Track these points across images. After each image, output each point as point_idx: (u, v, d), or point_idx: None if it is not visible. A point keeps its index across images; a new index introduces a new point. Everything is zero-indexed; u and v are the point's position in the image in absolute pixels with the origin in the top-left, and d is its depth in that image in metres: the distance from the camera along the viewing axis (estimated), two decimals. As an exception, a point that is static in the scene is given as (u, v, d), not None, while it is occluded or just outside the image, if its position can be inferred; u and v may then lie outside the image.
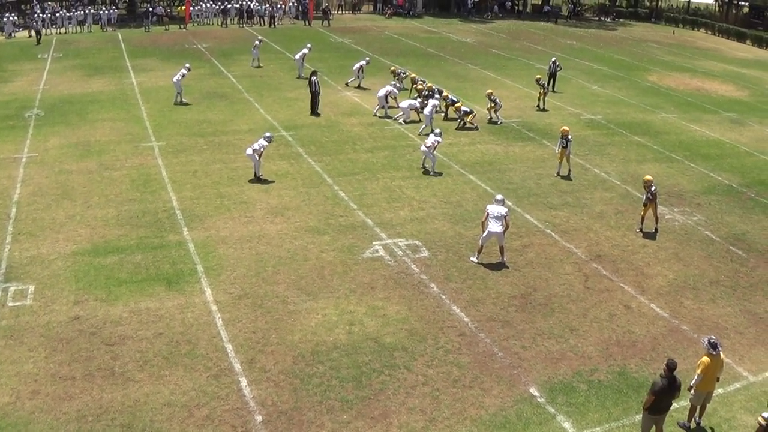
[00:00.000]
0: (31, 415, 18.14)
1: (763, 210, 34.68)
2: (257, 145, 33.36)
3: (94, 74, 55.67)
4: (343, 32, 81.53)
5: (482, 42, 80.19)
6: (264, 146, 33.48)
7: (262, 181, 33.83)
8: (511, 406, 19.62)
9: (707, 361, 18.24)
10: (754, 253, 29.91)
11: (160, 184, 33.30)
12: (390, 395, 19.72)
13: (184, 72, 48.03)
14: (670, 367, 17.56)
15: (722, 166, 40.82)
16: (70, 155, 36.62)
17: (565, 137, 35.88)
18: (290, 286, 24.89)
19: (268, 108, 46.87)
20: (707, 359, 18.24)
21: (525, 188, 34.92)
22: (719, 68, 74.83)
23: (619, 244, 29.92)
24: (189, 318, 22.77)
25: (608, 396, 20.30)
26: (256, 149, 33.33)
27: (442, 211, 31.81)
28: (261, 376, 20.22)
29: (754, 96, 62.15)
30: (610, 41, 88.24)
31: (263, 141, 33.64)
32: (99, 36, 75.71)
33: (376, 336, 22.37)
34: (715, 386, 18.93)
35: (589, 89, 58.35)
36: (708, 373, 18.31)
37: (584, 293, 25.83)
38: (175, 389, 19.38)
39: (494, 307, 24.47)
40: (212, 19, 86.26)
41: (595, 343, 22.83)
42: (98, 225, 28.97)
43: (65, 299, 23.46)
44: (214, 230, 28.77)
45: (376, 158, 38.01)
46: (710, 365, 18.24)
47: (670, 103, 55.74)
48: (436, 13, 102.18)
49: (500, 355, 21.85)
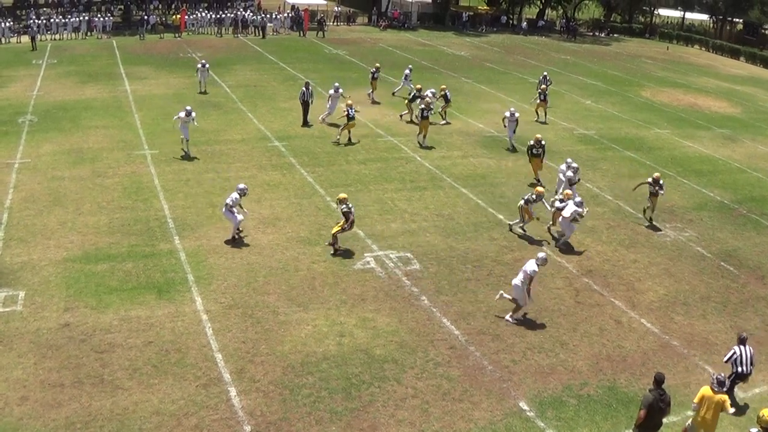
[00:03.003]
0: (20, 422, 18.08)
1: (754, 226, 34.76)
2: (230, 200, 28.68)
3: (88, 81, 55.57)
4: (338, 44, 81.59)
5: (476, 55, 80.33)
6: (237, 199, 28.88)
7: (236, 241, 29.10)
8: (500, 420, 19.61)
9: (705, 394, 18.20)
10: (745, 269, 29.97)
11: (152, 193, 33.26)
12: (379, 407, 19.70)
13: (182, 115, 38.94)
14: (657, 380, 17.60)
15: (714, 182, 40.92)
16: (62, 162, 36.55)
17: (538, 144, 36.50)
18: (281, 297, 24.86)
19: (262, 118, 46.85)
20: (707, 392, 18.20)
21: (517, 202, 34.86)
22: (713, 84, 75.08)
23: (610, 258, 29.96)
24: (179, 327, 22.72)
25: (598, 410, 20.31)
26: (229, 204, 28.58)
27: (433, 224, 31.81)
28: (250, 386, 20.19)
29: (747, 112, 62.36)
30: (604, 56, 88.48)
31: (235, 195, 28.93)
32: (94, 43, 75.62)
33: (366, 348, 22.35)
34: (713, 429, 18.76)
35: (582, 104, 58.48)
36: (703, 404, 18.27)
37: (575, 308, 25.84)
38: (164, 398, 19.33)
39: (485, 320, 24.47)
40: (207, 28, 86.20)
41: (585, 357, 22.84)
42: (90, 232, 28.92)
43: (55, 306, 23.40)
44: (206, 239, 28.73)
45: (368, 170, 38.01)
46: (707, 397, 18.16)
47: (663, 118, 55.90)
48: (430, 26, 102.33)
49: (490, 369, 21.84)
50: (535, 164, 37.40)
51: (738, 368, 20.80)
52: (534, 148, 36.96)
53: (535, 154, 37.06)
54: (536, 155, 37.06)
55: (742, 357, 20.72)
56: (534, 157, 37.21)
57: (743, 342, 20.92)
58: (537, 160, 37.25)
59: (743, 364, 20.71)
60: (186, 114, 38.56)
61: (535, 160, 37.23)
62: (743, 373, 20.78)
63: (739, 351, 20.80)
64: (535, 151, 36.96)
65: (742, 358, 20.72)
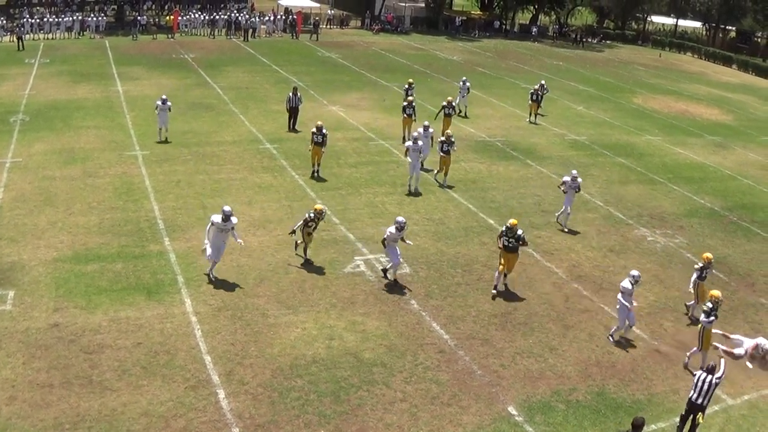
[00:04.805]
0: (8, 422, 18.03)
1: (744, 234, 34.85)
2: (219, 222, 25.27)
3: (80, 81, 55.50)
4: (331, 47, 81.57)
5: (469, 60, 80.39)
6: (221, 223, 25.20)
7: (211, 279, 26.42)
8: (489, 425, 19.63)
9: None
10: (735, 276, 30.04)
11: (143, 193, 33.22)
12: (368, 411, 19.70)
13: (158, 103, 40.44)
14: (635, 425, 16.87)
15: (705, 189, 41.01)
16: (54, 161, 36.50)
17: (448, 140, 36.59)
18: (270, 299, 24.85)
19: (253, 120, 46.82)
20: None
21: (507, 207, 34.97)
22: (705, 92, 75.28)
23: (600, 264, 30.00)
24: (168, 328, 22.69)
25: (586, 416, 20.33)
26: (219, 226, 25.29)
27: (424, 228, 31.83)
28: (239, 388, 20.17)
29: (738, 120, 62.56)
30: (596, 63, 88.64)
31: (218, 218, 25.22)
32: (86, 43, 75.49)
33: (355, 351, 22.36)
34: None
35: (574, 110, 58.58)
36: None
37: (564, 313, 25.88)
38: (153, 399, 19.31)
39: (474, 324, 24.49)
40: (200, 29, 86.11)
41: (574, 362, 22.87)
42: (80, 232, 28.88)
43: (45, 306, 23.36)
44: (196, 241, 28.66)
45: (359, 173, 38.02)
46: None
47: (654, 125, 56.02)
48: (423, 30, 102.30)
49: (479, 373, 21.86)
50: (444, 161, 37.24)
51: (692, 392, 19.38)
52: (444, 143, 36.92)
53: (444, 150, 36.89)
54: (445, 152, 36.92)
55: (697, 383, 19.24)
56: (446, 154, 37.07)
57: (710, 371, 19.76)
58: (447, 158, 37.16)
59: (697, 391, 19.19)
60: (162, 102, 40.33)
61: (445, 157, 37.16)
62: (691, 400, 19.32)
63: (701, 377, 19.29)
64: (445, 147, 36.80)
65: (697, 384, 19.24)
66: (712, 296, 22.05)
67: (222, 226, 25.23)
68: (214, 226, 25.30)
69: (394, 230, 26.13)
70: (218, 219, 25.19)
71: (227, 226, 25.33)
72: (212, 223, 25.34)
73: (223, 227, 25.29)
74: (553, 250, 30.89)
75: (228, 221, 25.28)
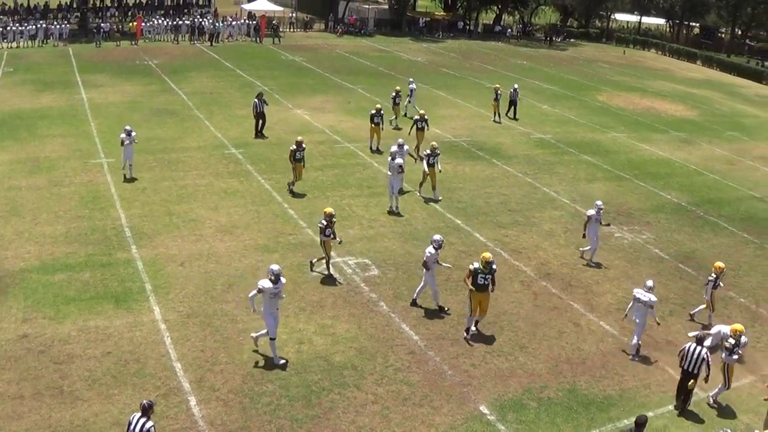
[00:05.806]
0: (-23, 435, 17.95)
1: (711, 228, 35.11)
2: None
3: (44, 89, 55.09)
4: (294, 50, 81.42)
5: (433, 61, 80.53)
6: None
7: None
8: (461, 424, 19.68)
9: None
10: (703, 270, 30.17)
11: (109, 202, 33.04)
12: (340, 414, 19.71)
13: (122, 136, 36.01)
14: (639, 423, 17.51)
15: (671, 184, 41.30)
16: (19, 171, 36.23)
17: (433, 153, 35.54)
18: (239, 305, 24.74)
19: (218, 125, 46.65)
20: None
21: (474, 207, 35.06)
22: (669, 88, 75.78)
23: (568, 262, 30.13)
24: (138, 337, 22.59)
25: (558, 413, 20.43)
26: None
27: (391, 230, 31.86)
28: (210, 395, 20.12)
29: (703, 116, 63.03)
30: (560, 61, 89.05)
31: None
32: (50, 51, 74.94)
33: (325, 354, 22.35)
34: None
35: (539, 108, 58.82)
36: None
37: (534, 311, 25.98)
38: (124, 408, 19.20)
39: (444, 325, 24.54)
40: (164, 35, 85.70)
41: (544, 360, 22.97)
42: (47, 242, 28.69)
43: (13, 317, 23.19)
44: (163, 248, 28.58)
45: (325, 176, 37.99)
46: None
47: (619, 122, 56.37)
48: (387, 31, 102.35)
49: (450, 373, 21.91)
50: (431, 173, 35.88)
51: (684, 363, 20.85)
52: (430, 156, 35.76)
53: (430, 163, 35.85)
54: (431, 164, 35.79)
55: (688, 353, 20.80)
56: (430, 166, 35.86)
57: (699, 342, 20.91)
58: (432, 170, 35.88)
59: (689, 360, 20.73)
60: (126, 134, 35.62)
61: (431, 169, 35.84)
62: (685, 369, 20.82)
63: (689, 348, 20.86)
64: (431, 160, 35.75)
65: (687, 354, 20.80)
66: (735, 331, 21.39)
67: (274, 290, 21.61)
68: (264, 293, 21.53)
69: (432, 250, 24.80)
70: (268, 284, 21.50)
71: (278, 288, 21.79)
72: (260, 290, 21.51)
73: (276, 291, 21.69)
74: (521, 249, 30.99)
75: (278, 282, 21.75)
